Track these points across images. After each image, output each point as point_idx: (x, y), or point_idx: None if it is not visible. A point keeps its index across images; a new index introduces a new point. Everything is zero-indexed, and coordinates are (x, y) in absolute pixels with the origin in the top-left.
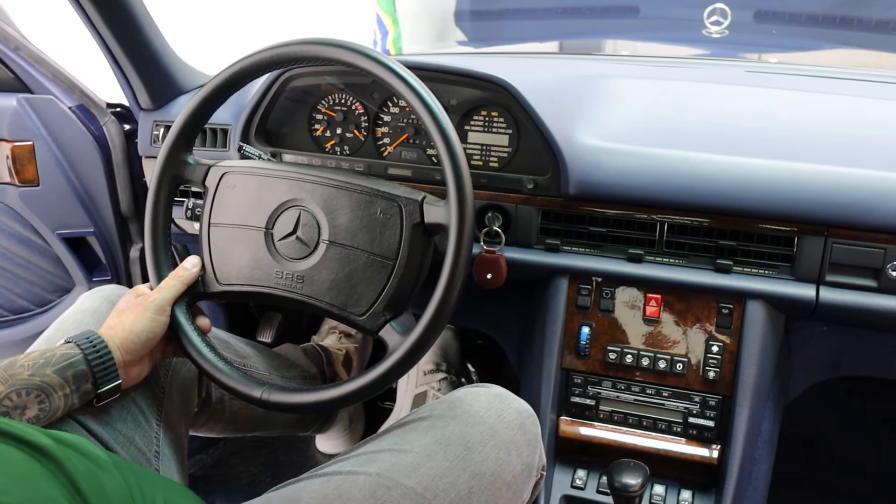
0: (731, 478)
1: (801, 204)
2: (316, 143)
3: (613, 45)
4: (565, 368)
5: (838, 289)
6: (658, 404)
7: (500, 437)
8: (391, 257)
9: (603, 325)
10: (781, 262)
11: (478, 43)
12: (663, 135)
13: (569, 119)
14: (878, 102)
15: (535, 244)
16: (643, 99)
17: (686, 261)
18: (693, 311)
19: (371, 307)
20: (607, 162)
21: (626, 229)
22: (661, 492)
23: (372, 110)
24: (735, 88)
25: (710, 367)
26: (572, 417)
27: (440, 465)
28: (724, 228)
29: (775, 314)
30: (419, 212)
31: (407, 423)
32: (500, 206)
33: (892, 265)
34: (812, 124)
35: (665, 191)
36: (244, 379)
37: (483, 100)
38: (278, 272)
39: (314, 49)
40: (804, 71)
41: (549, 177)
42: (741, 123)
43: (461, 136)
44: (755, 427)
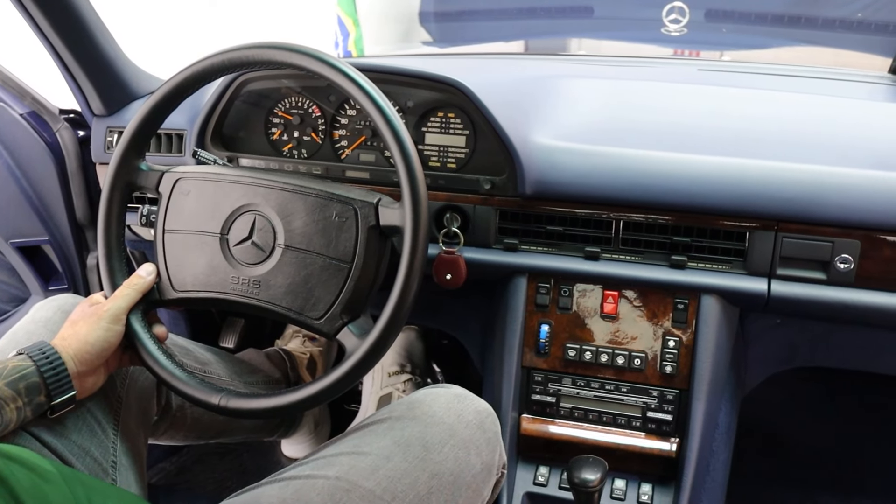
0: (689, 470)
1: (752, 200)
2: (273, 147)
3: (578, 44)
4: (526, 366)
5: (789, 282)
6: (617, 400)
7: (460, 436)
8: (347, 260)
9: (562, 322)
10: (734, 257)
11: (442, 44)
12: (617, 134)
13: (524, 119)
14: (827, 99)
15: (493, 244)
16: (597, 99)
17: (642, 258)
18: (649, 307)
19: (328, 310)
20: (562, 161)
21: (582, 228)
22: (621, 486)
23: (329, 113)
24: (687, 87)
25: (667, 362)
26: (533, 415)
27: (399, 467)
28: (678, 225)
29: (729, 308)
30: (374, 214)
31: (366, 426)
32: (458, 206)
33: (840, 258)
34: (762, 121)
35: (619, 189)
36: (202, 386)
37: (439, 101)
38: (234, 278)
39: (266, 53)
40: (755, 69)
41: (505, 177)
42: (693, 121)
43: (418, 138)
44: (712, 420)
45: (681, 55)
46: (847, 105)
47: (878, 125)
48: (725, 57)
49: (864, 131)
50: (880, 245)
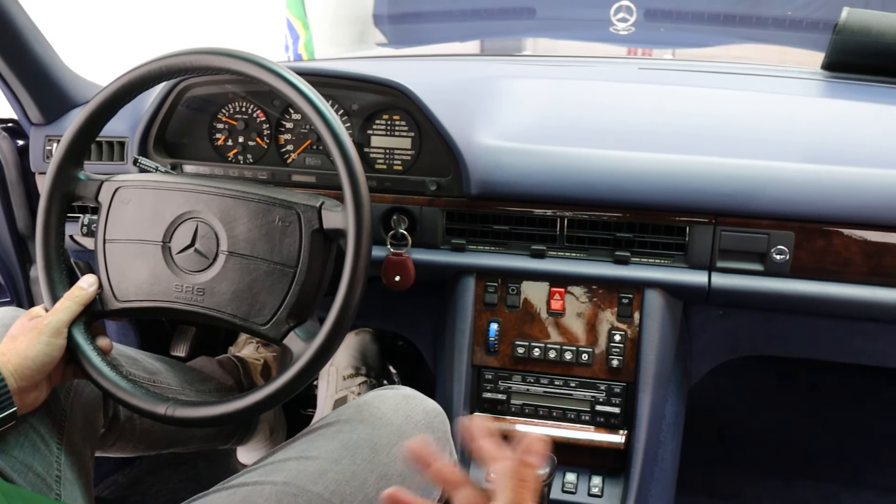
0: (637, 461)
1: (690, 195)
2: (218, 153)
3: (534, 44)
4: (476, 365)
5: (728, 274)
6: (566, 395)
7: (408, 437)
8: (292, 265)
9: (510, 320)
10: (675, 252)
11: (397, 45)
12: (560, 133)
13: (468, 120)
14: (762, 95)
15: (441, 245)
16: (541, 98)
17: (587, 254)
18: (595, 303)
19: (274, 316)
20: (506, 161)
21: (528, 226)
22: (572, 479)
23: (274, 117)
24: (628, 85)
25: (614, 356)
26: (485, 413)
27: (347, 470)
28: (621, 221)
29: (672, 301)
30: (318, 218)
31: (315, 430)
32: (405, 208)
33: (776, 249)
34: (700, 118)
35: (562, 187)
36: (147, 396)
37: (384, 104)
38: (178, 286)
39: (204, 59)
40: (694, 66)
41: (451, 178)
42: (634, 119)
43: (364, 141)
44: (658, 411)
45: (634, 54)
46: (781, 101)
47: (810, 119)
48: (676, 55)
49: (796, 126)
50: (813, 236)
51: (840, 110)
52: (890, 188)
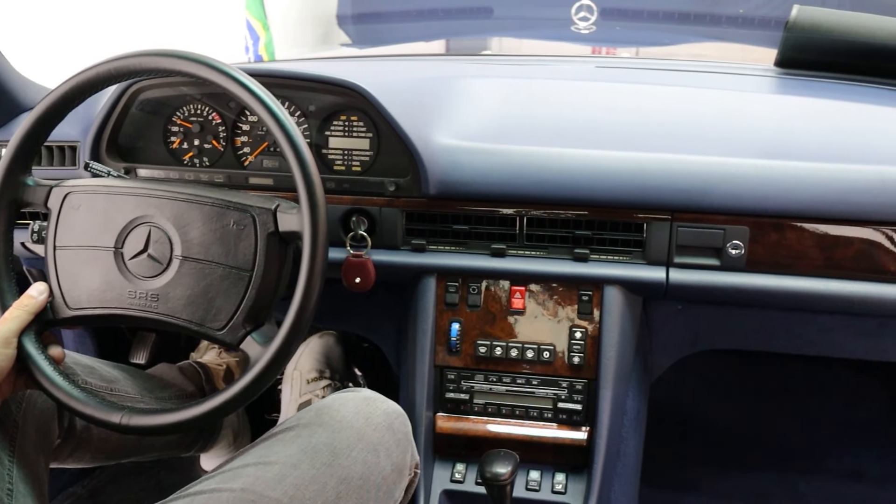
0: (599, 457)
1: (647, 191)
2: (173, 156)
3: (499, 44)
4: (438, 365)
5: (686, 269)
6: (529, 393)
7: (368, 439)
8: (247, 268)
9: (472, 320)
10: (633, 248)
11: (361, 45)
12: (518, 131)
13: (426, 120)
14: (716, 92)
15: (401, 245)
16: (498, 97)
17: (546, 252)
18: (555, 301)
19: (230, 320)
20: (465, 161)
21: (487, 225)
22: (536, 477)
23: (230, 119)
24: (585, 84)
25: (575, 353)
26: (448, 413)
27: (306, 474)
28: (579, 219)
29: (632, 297)
30: (273, 220)
31: (274, 435)
32: (364, 209)
33: (732, 244)
34: (656, 115)
35: (521, 186)
36: (101, 405)
37: (341, 105)
38: (131, 292)
39: (154, 61)
40: (651, 65)
41: (410, 178)
42: (591, 117)
43: (322, 142)
44: (620, 407)
45: (598, 53)
46: (734, 97)
47: (762, 116)
48: (640, 53)
49: (749, 122)
50: (767, 230)
51: (791, 106)
52: (840, 182)
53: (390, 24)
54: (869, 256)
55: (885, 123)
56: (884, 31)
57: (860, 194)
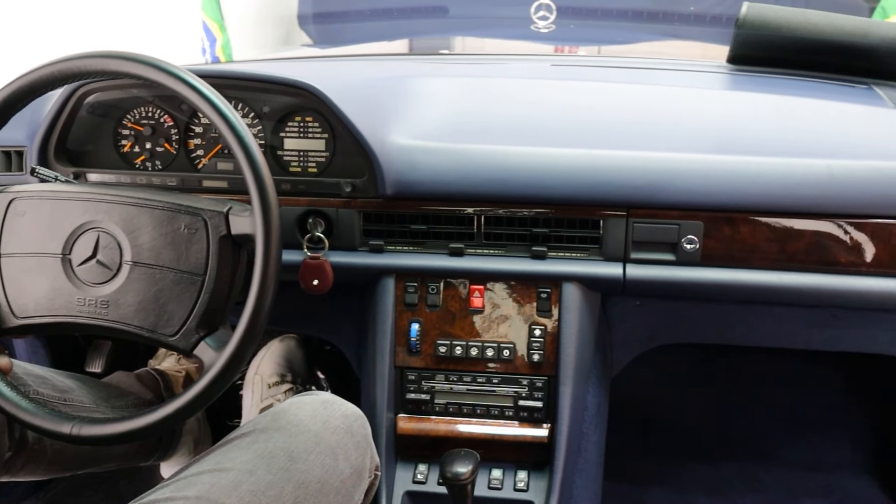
0: (560, 454)
1: (603, 188)
2: (124, 160)
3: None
4: (399, 366)
5: (642, 265)
6: (489, 391)
7: (326, 443)
8: (199, 273)
9: (431, 320)
10: (591, 245)
11: (323, 45)
12: (473, 130)
13: (381, 120)
14: (670, 89)
15: (359, 247)
16: (454, 96)
17: (504, 251)
18: (515, 298)
19: (183, 326)
20: (421, 160)
21: (445, 225)
22: (498, 475)
23: (182, 122)
24: (540, 82)
25: (535, 350)
26: (409, 414)
27: (263, 480)
28: (536, 217)
29: (590, 294)
30: (225, 224)
31: (230, 441)
32: (321, 210)
33: (687, 239)
34: (610, 112)
35: (477, 185)
36: (51, 415)
37: (296, 106)
38: (80, 299)
39: (100, 63)
40: (605, 62)
41: (366, 179)
42: (546, 115)
43: (277, 143)
44: (580, 403)
45: (561, 52)
46: (687, 94)
47: (715, 112)
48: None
49: (702, 118)
50: (720, 224)
51: (742, 102)
52: (789, 176)
53: (351, 24)
54: (820, 248)
55: (832, 118)
56: (830, 28)
57: (809, 187)
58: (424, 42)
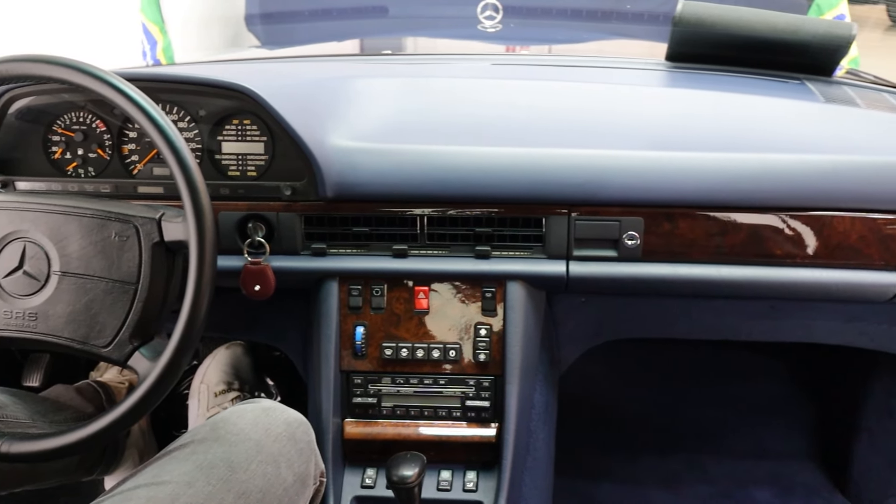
0: (508, 452)
1: (543, 186)
2: (55, 167)
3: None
4: (344, 370)
5: (585, 262)
6: (437, 393)
7: (268, 451)
8: (132, 281)
9: (376, 322)
10: (534, 243)
11: (271, 46)
12: (414, 131)
13: (320, 122)
14: (609, 87)
15: (301, 250)
16: (394, 97)
17: (448, 251)
18: (459, 299)
19: (116, 336)
20: (361, 162)
21: (388, 226)
22: (447, 477)
23: (115, 127)
24: (481, 81)
25: (480, 350)
26: (356, 418)
27: (202, 491)
28: (479, 216)
29: (535, 292)
30: (157, 230)
31: (168, 453)
32: (261, 215)
33: (628, 235)
34: (550, 111)
35: (419, 185)
36: None
37: (233, 109)
38: (7, 312)
39: (23, 67)
40: (546, 61)
41: (306, 182)
42: (487, 114)
43: (215, 147)
44: (527, 401)
45: (512, 51)
46: (627, 91)
47: (653, 108)
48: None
49: (641, 115)
50: (660, 220)
51: (680, 98)
52: (725, 171)
53: (299, 25)
54: (757, 241)
55: (766, 113)
56: (763, 25)
57: (744, 182)
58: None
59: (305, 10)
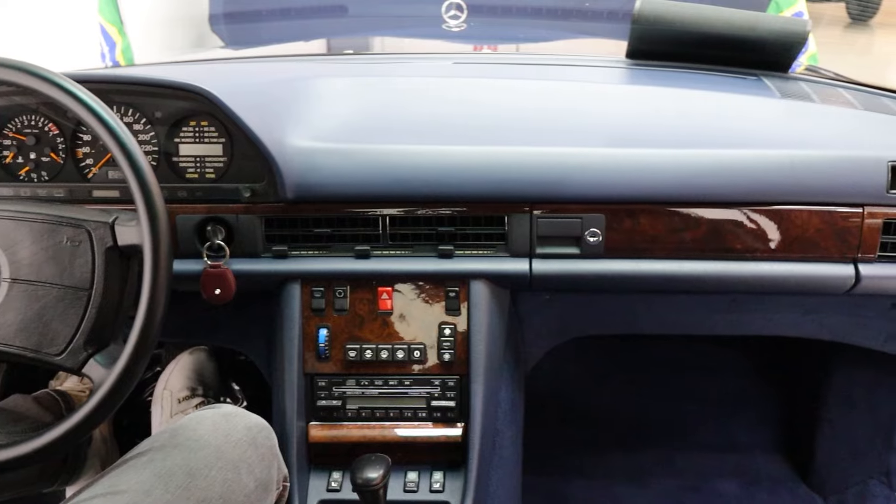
0: (474, 452)
1: (505, 184)
2: (7, 172)
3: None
4: (308, 373)
5: (547, 259)
6: (402, 393)
7: (228, 457)
8: (85, 287)
9: (340, 324)
10: (497, 241)
11: (235, 46)
12: (375, 130)
13: (279, 122)
14: (571, 84)
15: (262, 253)
16: (354, 97)
17: (411, 251)
18: (423, 299)
19: (69, 344)
20: (322, 163)
21: (350, 227)
22: (414, 478)
23: (69, 130)
24: (442, 81)
25: (445, 350)
26: (321, 421)
27: (160, 500)
28: (441, 216)
29: (499, 290)
30: (111, 234)
31: (125, 462)
32: (220, 217)
33: (590, 232)
34: (511, 109)
35: (381, 185)
36: None
37: (190, 110)
38: None
39: None
40: (507, 59)
41: (266, 183)
42: (448, 113)
43: (172, 150)
44: (493, 400)
45: (479, 50)
46: (587, 89)
47: (613, 105)
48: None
49: (601, 112)
50: (621, 217)
51: (640, 95)
52: (684, 167)
53: (263, 24)
54: (717, 236)
55: (724, 109)
56: (720, 22)
57: (703, 177)
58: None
59: (269, 10)
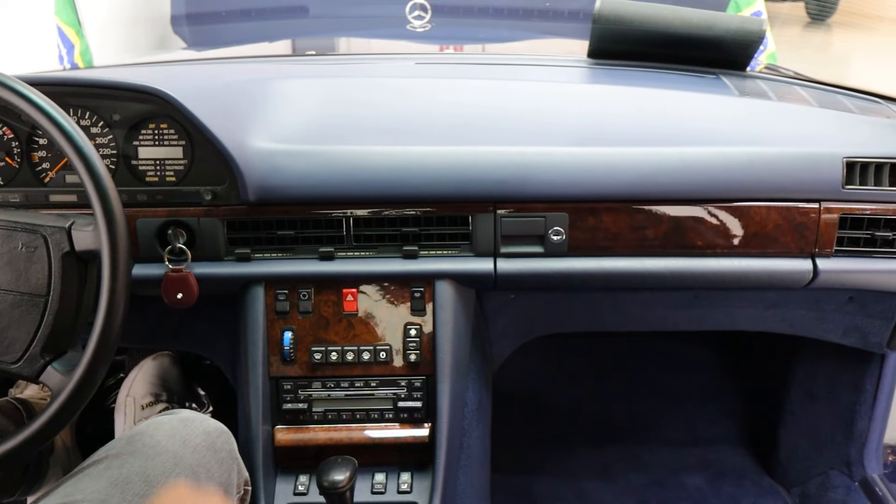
0: (442, 452)
1: (468, 184)
2: None
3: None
4: (274, 376)
5: (512, 258)
6: (368, 395)
7: (186, 463)
8: (41, 293)
9: (304, 327)
10: (461, 241)
11: (198, 48)
12: (337, 131)
13: (240, 124)
14: (533, 84)
15: (224, 256)
16: (316, 98)
17: (376, 252)
18: (388, 300)
19: (26, 351)
20: (284, 164)
21: (314, 229)
22: (381, 479)
23: (24, 133)
24: (405, 81)
25: (411, 351)
26: (287, 424)
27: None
28: (405, 216)
29: (464, 290)
30: (67, 239)
31: (81, 470)
32: (181, 221)
33: (553, 230)
34: (473, 108)
35: (344, 186)
36: None
37: (148, 112)
38: None
39: None
40: (470, 59)
41: (227, 185)
42: (410, 114)
43: (131, 153)
44: (459, 400)
45: (445, 51)
46: (550, 88)
47: (575, 105)
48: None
49: (563, 111)
50: (584, 215)
51: (601, 95)
52: (645, 165)
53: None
54: (679, 233)
55: (684, 107)
56: (679, 21)
57: (664, 175)
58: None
59: (232, 11)
